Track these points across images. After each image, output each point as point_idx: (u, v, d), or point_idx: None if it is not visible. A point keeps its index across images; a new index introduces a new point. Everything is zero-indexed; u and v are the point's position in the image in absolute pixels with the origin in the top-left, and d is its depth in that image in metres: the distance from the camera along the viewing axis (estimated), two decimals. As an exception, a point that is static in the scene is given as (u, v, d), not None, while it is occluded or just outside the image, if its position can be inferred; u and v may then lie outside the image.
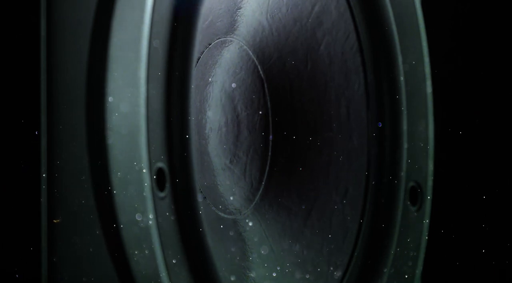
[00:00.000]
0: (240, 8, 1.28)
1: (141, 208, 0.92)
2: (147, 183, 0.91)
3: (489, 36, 1.47)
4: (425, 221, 1.23)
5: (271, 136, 1.34)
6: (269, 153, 1.35)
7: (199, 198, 0.99)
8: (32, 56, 0.97)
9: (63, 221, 0.97)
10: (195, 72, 1.22)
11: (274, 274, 1.28)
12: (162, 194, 0.94)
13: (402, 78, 1.24)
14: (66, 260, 0.97)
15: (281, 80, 1.34)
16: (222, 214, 1.26)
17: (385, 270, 1.22)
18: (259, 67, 1.34)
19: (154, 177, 0.92)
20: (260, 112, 1.34)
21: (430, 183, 1.24)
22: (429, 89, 1.25)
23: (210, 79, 1.27)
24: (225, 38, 1.29)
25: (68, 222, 0.97)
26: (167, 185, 0.95)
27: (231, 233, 1.26)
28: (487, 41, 1.47)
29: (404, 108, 1.24)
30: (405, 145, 1.23)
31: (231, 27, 1.29)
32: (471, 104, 1.47)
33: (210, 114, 1.26)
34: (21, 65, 0.98)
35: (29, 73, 0.97)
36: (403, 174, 1.23)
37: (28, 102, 0.97)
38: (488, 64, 1.47)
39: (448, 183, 1.42)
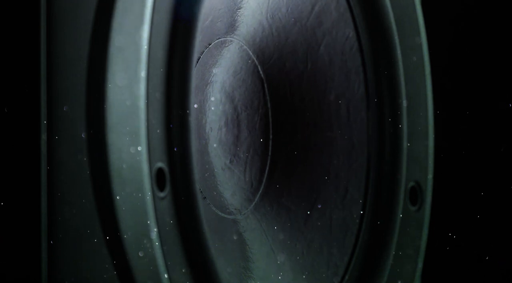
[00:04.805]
0: (240, 8, 1.28)
1: (141, 208, 0.91)
2: (147, 183, 0.91)
3: (489, 36, 1.47)
4: (425, 221, 1.23)
5: (271, 136, 1.35)
6: (269, 153, 1.35)
7: (199, 198, 0.99)
8: (32, 56, 0.97)
9: (63, 221, 0.97)
10: (195, 72, 1.22)
11: (274, 274, 1.28)
12: (162, 194, 0.94)
13: (402, 78, 1.24)
14: (66, 260, 0.97)
15: (281, 80, 1.34)
16: (222, 214, 1.26)
17: (385, 270, 1.22)
18: (259, 67, 1.34)
19: (154, 177, 0.92)
20: (260, 112, 1.34)
21: (430, 183, 1.24)
22: (429, 88, 1.25)
23: (210, 79, 1.27)
24: (225, 38, 1.29)
25: (68, 222, 0.97)
26: (167, 185, 0.95)
27: (231, 233, 1.26)
28: (487, 41, 1.47)
29: (404, 107, 1.24)
30: (405, 145, 1.23)
31: (231, 27, 1.29)
32: (471, 104, 1.47)
33: (210, 114, 1.26)
34: (21, 65, 0.98)
35: (29, 73, 0.97)
36: (403, 174, 1.23)
37: (28, 102, 0.97)
38: (488, 64, 1.47)
39: (448, 183, 1.42)
